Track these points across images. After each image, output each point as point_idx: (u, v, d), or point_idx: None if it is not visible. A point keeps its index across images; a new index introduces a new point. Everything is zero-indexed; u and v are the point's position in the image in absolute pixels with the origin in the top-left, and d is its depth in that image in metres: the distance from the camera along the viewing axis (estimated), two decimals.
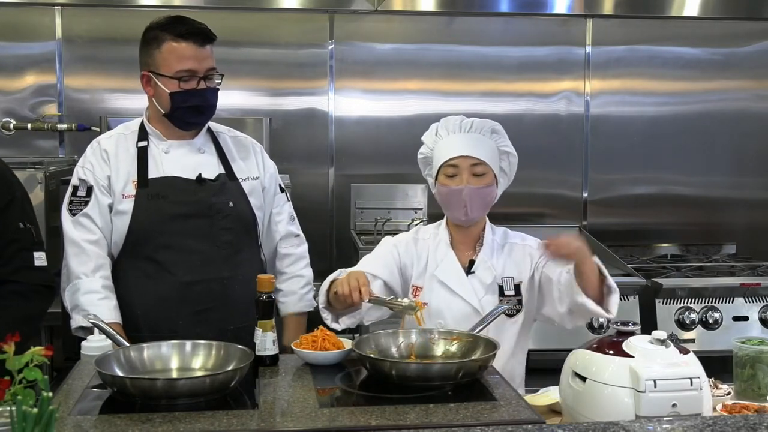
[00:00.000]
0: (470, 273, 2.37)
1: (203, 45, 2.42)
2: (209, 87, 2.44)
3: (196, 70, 2.41)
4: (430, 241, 2.43)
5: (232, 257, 2.49)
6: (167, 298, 2.43)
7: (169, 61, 2.41)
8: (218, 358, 1.96)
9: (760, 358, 2.23)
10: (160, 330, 2.34)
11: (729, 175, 4.59)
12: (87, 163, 2.49)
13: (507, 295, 2.35)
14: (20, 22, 4.12)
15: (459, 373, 1.85)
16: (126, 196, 2.44)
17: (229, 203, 2.48)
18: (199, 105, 2.44)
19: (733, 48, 4.54)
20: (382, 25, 4.35)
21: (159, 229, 2.43)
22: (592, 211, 4.51)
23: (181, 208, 2.44)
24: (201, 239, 2.45)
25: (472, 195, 2.32)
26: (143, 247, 2.44)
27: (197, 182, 2.47)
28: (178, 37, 2.40)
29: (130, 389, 1.75)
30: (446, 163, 2.35)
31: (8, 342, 1.44)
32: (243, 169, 2.56)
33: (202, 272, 2.44)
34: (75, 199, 2.47)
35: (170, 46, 2.41)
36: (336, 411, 1.74)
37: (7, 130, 4.08)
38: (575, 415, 1.92)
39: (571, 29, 4.44)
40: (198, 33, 2.42)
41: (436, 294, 2.36)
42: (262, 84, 4.28)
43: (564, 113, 4.46)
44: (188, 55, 2.40)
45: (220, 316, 2.44)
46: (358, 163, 4.35)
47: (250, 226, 2.55)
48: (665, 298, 3.58)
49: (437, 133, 2.41)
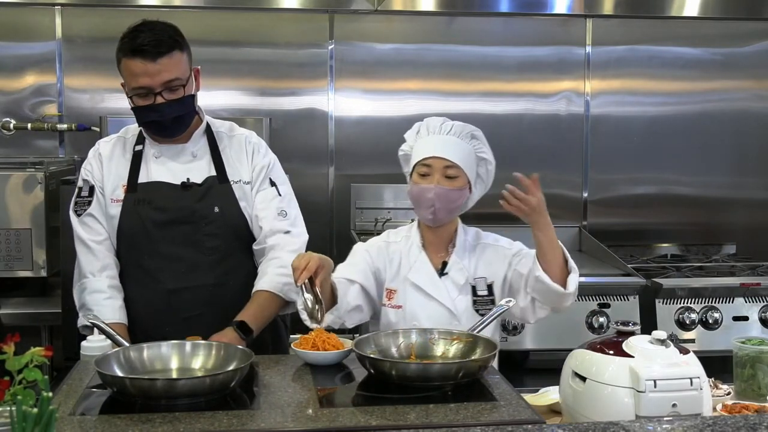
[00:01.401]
0: (443, 274, 2.38)
1: (156, 59, 2.30)
2: (169, 100, 2.34)
3: (150, 86, 2.32)
4: (402, 244, 2.44)
5: (220, 263, 2.45)
6: (154, 305, 2.42)
7: (127, 78, 2.37)
8: (218, 358, 1.96)
9: (760, 358, 2.23)
10: (149, 335, 2.27)
11: (729, 175, 4.58)
12: (88, 164, 2.52)
13: (480, 295, 2.37)
14: (20, 22, 4.11)
15: (459, 373, 1.85)
16: (114, 200, 2.44)
17: (215, 209, 2.43)
18: (156, 120, 2.37)
19: (733, 48, 4.54)
20: (382, 25, 4.35)
21: (145, 235, 2.42)
22: (592, 211, 4.51)
23: (163, 215, 2.41)
24: (185, 246, 2.42)
25: (441, 196, 2.33)
26: (132, 253, 2.45)
27: (182, 188, 2.43)
28: (129, 53, 2.32)
29: (129, 389, 1.75)
30: (420, 162, 2.36)
31: (8, 342, 1.44)
32: (236, 171, 2.50)
33: (187, 279, 2.41)
34: (79, 199, 2.49)
35: (125, 64, 2.35)
36: (336, 411, 1.74)
37: (7, 130, 4.08)
38: (575, 415, 1.92)
39: (571, 29, 4.44)
40: (148, 47, 2.30)
41: (411, 297, 2.37)
42: (262, 84, 4.28)
43: (564, 113, 4.46)
44: (139, 72, 2.31)
45: (209, 321, 2.37)
46: (358, 163, 4.35)
47: (240, 231, 2.49)
48: (665, 298, 3.58)
49: (418, 131, 2.42)
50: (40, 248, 3.53)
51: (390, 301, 2.37)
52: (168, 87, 2.33)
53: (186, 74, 2.38)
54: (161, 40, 2.32)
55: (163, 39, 2.33)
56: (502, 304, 2.25)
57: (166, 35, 2.34)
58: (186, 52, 2.40)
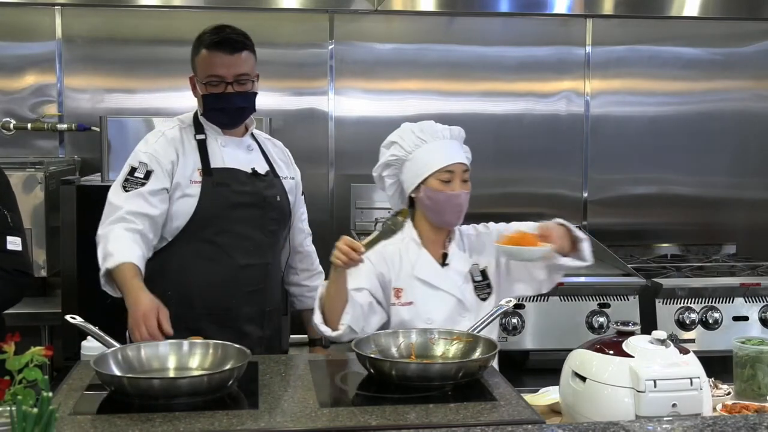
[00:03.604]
0: (445, 265, 2.46)
1: (233, 53, 2.58)
2: (237, 91, 2.60)
3: (224, 76, 2.58)
4: (398, 244, 2.46)
5: (275, 245, 2.72)
6: (224, 278, 2.59)
7: (202, 68, 2.61)
8: (215, 357, 1.96)
9: (760, 358, 2.23)
10: (214, 308, 2.56)
11: (729, 175, 4.58)
12: (151, 148, 2.60)
13: (476, 281, 2.46)
14: (20, 22, 4.12)
15: (459, 373, 1.86)
16: (194, 181, 2.59)
17: (277, 197, 2.70)
18: (225, 108, 2.61)
19: (733, 48, 4.54)
20: (382, 25, 4.35)
21: (221, 214, 2.59)
22: (592, 211, 4.51)
23: (241, 197, 2.61)
24: (253, 227, 2.63)
25: (466, 201, 2.44)
26: (204, 231, 2.59)
27: (253, 175, 2.66)
28: (212, 45, 2.59)
29: (127, 388, 1.75)
30: (443, 169, 2.42)
31: (8, 342, 1.44)
32: (283, 169, 2.79)
33: (253, 257, 2.63)
34: (132, 178, 2.56)
35: (204, 55, 2.60)
36: (336, 411, 1.74)
37: (7, 130, 4.08)
38: (575, 415, 1.92)
39: (571, 29, 4.44)
40: (228, 42, 2.59)
41: (419, 292, 2.42)
42: (262, 84, 4.23)
43: (564, 113, 4.46)
44: (217, 63, 2.58)
45: (262, 297, 2.65)
46: (358, 163, 4.34)
47: (287, 220, 2.77)
48: (665, 298, 3.58)
49: (417, 137, 2.46)
50: (40, 248, 3.53)
51: (399, 299, 2.43)
52: (238, 80, 2.60)
53: (254, 73, 2.67)
54: (241, 39, 2.63)
55: (242, 38, 2.64)
56: (502, 304, 2.26)
57: (242, 36, 2.64)
58: (254, 55, 2.68)
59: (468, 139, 2.58)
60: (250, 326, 2.60)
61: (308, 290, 2.85)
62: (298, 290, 2.89)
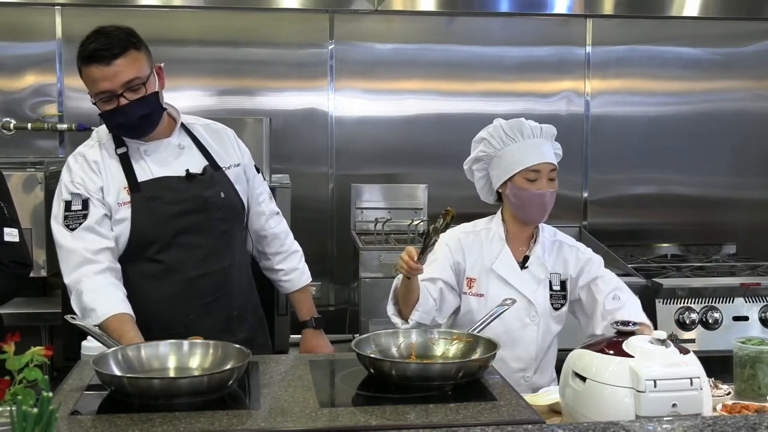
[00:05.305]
0: (524, 267, 2.52)
1: (109, 63, 2.30)
2: (132, 100, 2.34)
3: (110, 89, 2.32)
4: (482, 235, 2.56)
5: (230, 246, 2.53)
6: (176, 295, 2.43)
7: (89, 86, 2.37)
8: (215, 357, 1.95)
9: (760, 358, 2.23)
10: (171, 327, 2.34)
11: (729, 175, 4.59)
12: (76, 177, 2.43)
13: (554, 290, 2.52)
14: (20, 22, 4.12)
15: (459, 373, 1.85)
16: (122, 203, 2.41)
17: (221, 194, 2.49)
18: (124, 122, 2.37)
19: (733, 48, 4.55)
20: (382, 25, 4.35)
21: (160, 230, 2.41)
22: (592, 211, 4.51)
23: (177, 207, 2.43)
24: (200, 233, 2.45)
25: (551, 199, 2.50)
26: (146, 251, 2.42)
27: (187, 178, 2.45)
28: (85, 61, 2.33)
29: (127, 388, 1.75)
30: (530, 167, 2.47)
31: (8, 342, 1.44)
32: (224, 158, 2.55)
33: (206, 265, 2.46)
34: (71, 213, 2.40)
35: (84, 72, 2.35)
36: (336, 411, 1.74)
37: (7, 130, 4.08)
38: (575, 415, 1.92)
39: (571, 29, 4.45)
40: (98, 54, 2.30)
41: (493, 286, 2.50)
42: (262, 84, 4.29)
43: (564, 113, 4.46)
44: (98, 77, 2.32)
45: (224, 303, 2.49)
46: (358, 163, 4.35)
47: (239, 213, 2.57)
48: (665, 298, 3.58)
49: (507, 134, 2.49)
50: (40, 248, 3.52)
51: (471, 289, 2.52)
52: (129, 87, 2.33)
53: (145, 73, 2.37)
54: (114, 43, 2.32)
55: (116, 42, 2.33)
56: (502, 305, 2.27)
57: (118, 38, 2.34)
58: (143, 51, 2.39)
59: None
60: (219, 336, 2.25)
61: (284, 273, 2.71)
62: (275, 275, 2.72)
